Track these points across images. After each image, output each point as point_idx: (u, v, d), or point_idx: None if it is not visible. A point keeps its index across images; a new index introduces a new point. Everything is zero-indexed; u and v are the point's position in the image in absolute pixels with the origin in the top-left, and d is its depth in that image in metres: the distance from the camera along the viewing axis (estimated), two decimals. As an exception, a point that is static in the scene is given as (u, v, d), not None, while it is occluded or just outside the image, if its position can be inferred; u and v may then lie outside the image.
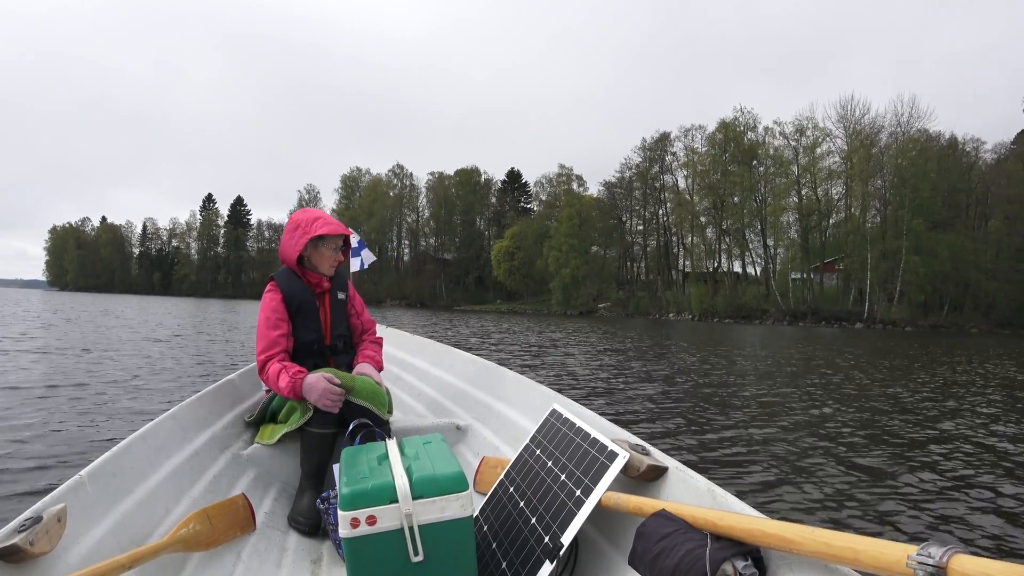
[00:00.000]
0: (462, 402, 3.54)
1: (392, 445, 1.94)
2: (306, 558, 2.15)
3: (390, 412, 2.67)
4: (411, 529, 1.59)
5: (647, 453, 1.84)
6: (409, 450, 1.86)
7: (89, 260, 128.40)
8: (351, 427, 2.36)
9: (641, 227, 73.62)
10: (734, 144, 61.44)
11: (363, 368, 2.72)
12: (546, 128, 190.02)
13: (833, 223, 57.62)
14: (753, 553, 1.26)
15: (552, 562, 1.64)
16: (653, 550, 1.38)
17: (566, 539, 1.66)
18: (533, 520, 1.83)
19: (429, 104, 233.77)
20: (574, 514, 1.70)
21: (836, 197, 57.42)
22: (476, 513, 2.01)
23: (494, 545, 1.91)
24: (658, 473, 1.76)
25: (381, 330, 4.28)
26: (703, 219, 64.41)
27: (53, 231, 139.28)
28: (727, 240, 63.45)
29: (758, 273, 61.82)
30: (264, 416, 2.77)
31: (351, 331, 2.96)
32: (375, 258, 7.70)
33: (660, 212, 71.40)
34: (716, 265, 64.41)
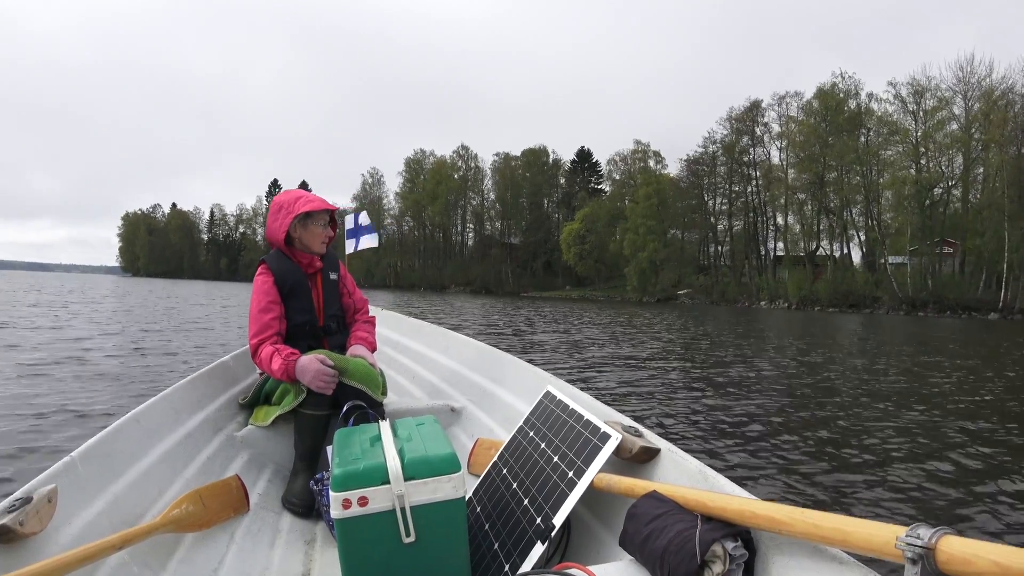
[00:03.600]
0: (457, 384, 3.52)
1: (385, 427, 1.92)
2: (300, 539, 2.16)
3: (384, 394, 2.66)
4: (403, 510, 1.58)
5: (640, 435, 1.85)
6: (402, 431, 1.85)
7: (159, 246, 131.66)
8: (345, 409, 2.36)
9: (726, 206, 67.38)
10: (834, 112, 54.71)
11: (357, 350, 2.72)
12: (616, 107, 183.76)
13: (957, 199, 50.36)
14: (743, 534, 1.28)
15: (544, 543, 1.66)
16: (643, 531, 1.40)
17: (558, 520, 1.67)
18: (526, 502, 1.85)
19: (494, 86, 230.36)
20: (566, 496, 1.72)
21: (958, 169, 50.11)
22: (469, 495, 2.11)
23: (487, 526, 1.93)
24: (651, 455, 1.78)
25: (375, 312, 3.94)
26: (801, 196, 57.84)
27: (125, 218, 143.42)
28: (830, 218, 56.71)
29: (863, 256, 54.89)
30: (258, 398, 2.74)
31: (344, 311, 2.93)
32: (376, 244, 7.23)
33: (748, 189, 65.03)
34: (815, 247, 57.91)
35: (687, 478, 1.63)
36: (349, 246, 7.16)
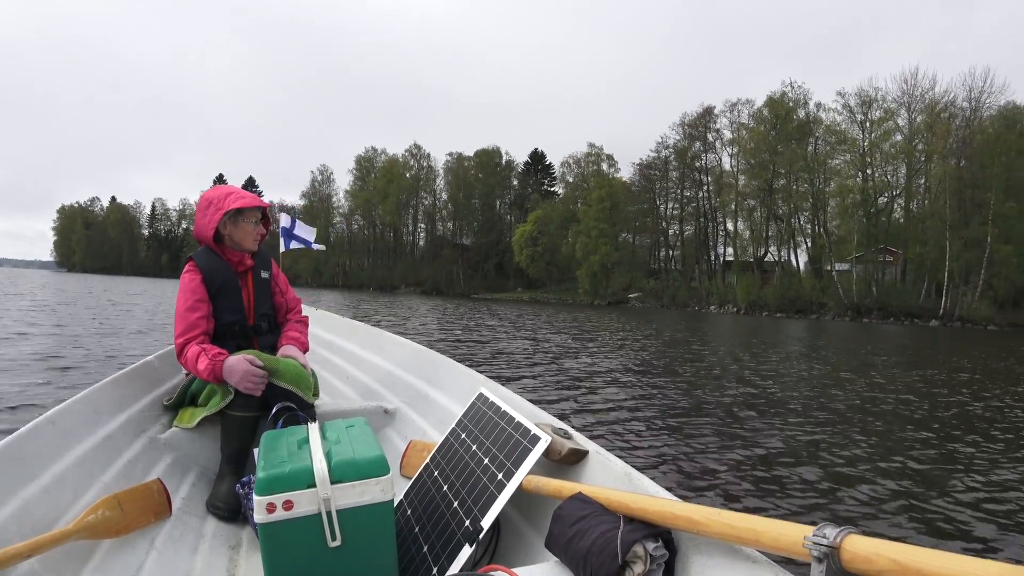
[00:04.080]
0: (391, 386, 3.49)
1: (313, 429, 1.89)
2: (224, 544, 2.11)
3: (316, 395, 2.62)
4: (329, 514, 1.57)
5: (569, 437, 1.87)
6: (331, 434, 1.83)
7: (96, 241, 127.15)
8: (274, 410, 2.30)
9: (678, 211, 67.77)
10: (783, 120, 55.50)
11: (288, 350, 2.66)
12: (571, 111, 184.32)
13: (900, 208, 51.50)
14: (664, 535, 1.31)
15: (472, 545, 1.66)
16: (568, 533, 1.41)
17: (486, 523, 1.68)
18: (455, 504, 1.85)
19: (449, 85, 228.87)
20: (495, 498, 1.72)
21: (903, 179, 51.24)
22: (400, 497, 2.12)
23: (416, 529, 1.93)
24: (579, 457, 1.81)
25: (309, 311, 4.14)
26: (750, 202, 58.48)
27: (61, 211, 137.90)
28: (778, 225, 57.49)
29: (809, 262, 55.72)
30: (183, 399, 2.66)
31: (275, 310, 2.87)
32: (314, 245, 7.39)
33: (699, 195, 65.51)
34: (764, 253, 58.63)
35: (613, 480, 1.66)
36: (283, 245, 7.09)
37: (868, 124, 52.41)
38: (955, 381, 11.12)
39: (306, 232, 7.38)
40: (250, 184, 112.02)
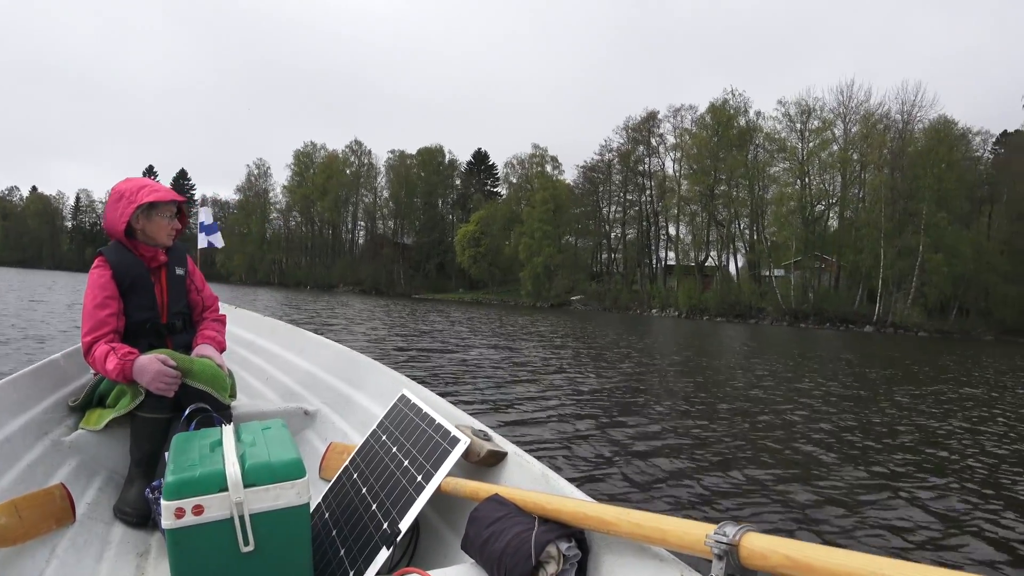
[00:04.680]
0: (312, 387, 3.41)
1: (228, 431, 1.83)
2: (132, 551, 2.03)
3: (232, 396, 2.57)
4: (242, 518, 1.53)
5: (488, 439, 1.88)
6: (246, 436, 1.78)
7: (14, 232, 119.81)
8: (187, 412, 2.24)
9: (620, 214, 68.00)
10: (724, 127, 56.29)
11: (203, 349, 2.57)
12: (515, 113, 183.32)
13: (835, 216, 52.74)
14: (577, 535, 1.33)
15: (389, 548, 1.66)
16: (484, 534, 1.43)
17: (404, 525, 1.68)
18: (374, 506, 1.85)
19: (391, 82, 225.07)
20: (414, 500, 1.73)
21: (840, 187, 52.44)
22: (319, 500, 2.09)
23: (334, 532, 1.91)
24: (497, 458, 1.81)
25: (227, 310, 4.11)
26: (692, 207, 59.00)
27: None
28: (719, 230, 58.16)
29: (748, 268, 56.57)
30: (91, 400, 2.54)
31: (191, 308, 2.77)
32: (220, 244, 7.56)
33: (642, 199, 65.82)
34: (704, 258, 59.26)
35: (530, 481, 1.67)
36: (201, 241, 7.01)
37: (807, 133, 53.57)
38: (871, 385, 11.59)
39: (213, 230, 7.34)
40: (182, 177, 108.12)
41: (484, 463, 1.81)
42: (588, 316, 42.64)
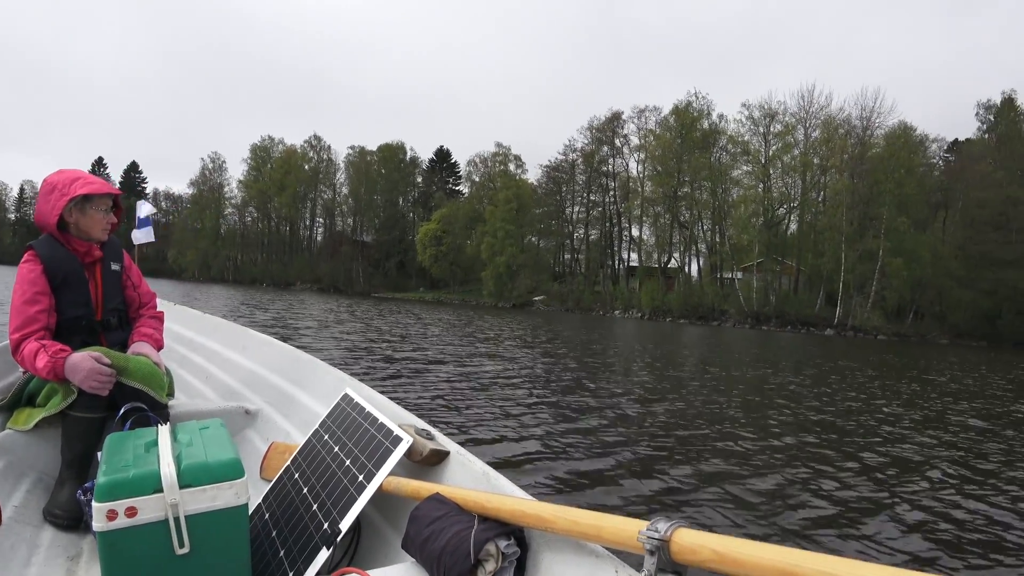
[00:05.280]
0: (254, 385, 3.35)
1: (164, 431, 1.79)
2: (62, 555, 1.96)
3: (170, 395, 2.54)
4: (177, 520, 1.50)
5: (431, 438, 1.89)
6: (183, 436, 1.75)
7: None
8: (122, 411, 2.19)
9: (584, 215, 67.70)
10: (688, 129, 56.33)
11: (139, 347, 2.52)
12: (479, 113, 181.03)
13: (796, 219, 53.13)
14: (516, 533, 1.36)
15: (329, 548, 1.65)
16: (424, 533, 1.45)
17: (344, 525, 1.68)
18: (315, 507, 1.84)
19: (352, 78, 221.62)
20: (355, 499, 1.73)
21: (804, 191, 52.84)
22: (259, 501, 2.08)
23: (274, 533, 1.90)
24: (440, 457, 1.83)
25: (166, 307, 4.18)
26: (656, 208, 58.92)
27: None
28: (682, 232, 58.17)
29: (711, 269, 56.72)
30: (19, 399, 2.49)
31: (127, 305, 2.71)
32: (153, 239, 7.47)
33: (606, 199, 65.65)
34: (667, 260, 59.24)
35: (472, 480, 1.69)
36: (136, 236, 6.93)
37: (769, 137, 53.88)
38: (819, 385, 12.07)
39: (146, 224, 7.15)
40: (133, 170, 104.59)
41: (427, 462, 1.81)
42: (550, 317, 42.20)
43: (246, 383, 3.45)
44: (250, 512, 1.66)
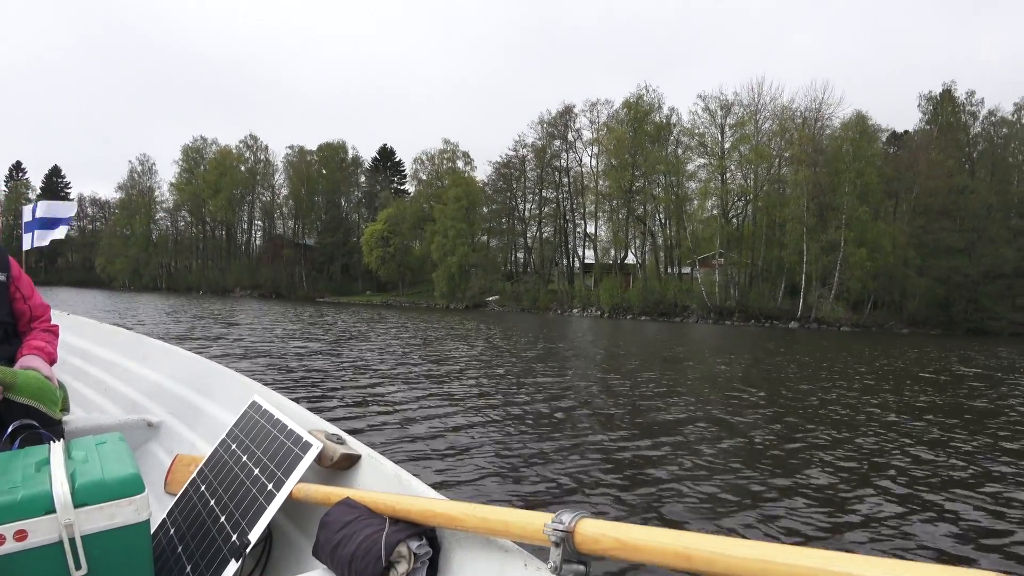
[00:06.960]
0: (156, 396, 3.27)
1: (56, 448, 1.71)
2: None
3: (64, 410, 2.45)
4: (72, 541, 1.45)
5: (342, 442, 1.87)
6: (77, 452, 1.69)
7: None
8: (10, 429, 2.06)
9: (536, 212, 66.02)
10: (641, 122, 55.30)
11: (28, 360, 2.38)
12: (423, 109, 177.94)
13: (754, 212, 52.69)
14: (428, 533, 1.36)
15: (239, 560, 1.63)
16: (334, 539, 1.43)
17: (254, 536, 1.65)
18: (223, 519, 1.80)
19: (288, 76, 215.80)
20: (264, 509, 1.70)
21: (758, 183, 52.50)
22: (163, 516, 2.02)
23: (180, 548, 1.85)
24: (351, 461, 1.81)
25: (60, 318, 3.92)
26: (612, 203, 57.86)
27: None
28: (640, 228, 57.27)
29: (670, 265, 55.97)
30: None
31: (15, 318, 2.57)
32: (60, 237, 7.06)
33: (559, 195, 64.19)
34: (623, 256, 58.17)
35: (384, 482, 1.67)
36: (26, 241, 6.73)
37: (726, 129, 53.40)
38: (764, 377, 12.32)
39: (62, 209, 6.77)
40: (55, 174, 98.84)
41: (338, 467, 1.78)
42: (503, 317, 40.81)
43: (148, 394, 3.32)
44: (154, 528, 1.62)
